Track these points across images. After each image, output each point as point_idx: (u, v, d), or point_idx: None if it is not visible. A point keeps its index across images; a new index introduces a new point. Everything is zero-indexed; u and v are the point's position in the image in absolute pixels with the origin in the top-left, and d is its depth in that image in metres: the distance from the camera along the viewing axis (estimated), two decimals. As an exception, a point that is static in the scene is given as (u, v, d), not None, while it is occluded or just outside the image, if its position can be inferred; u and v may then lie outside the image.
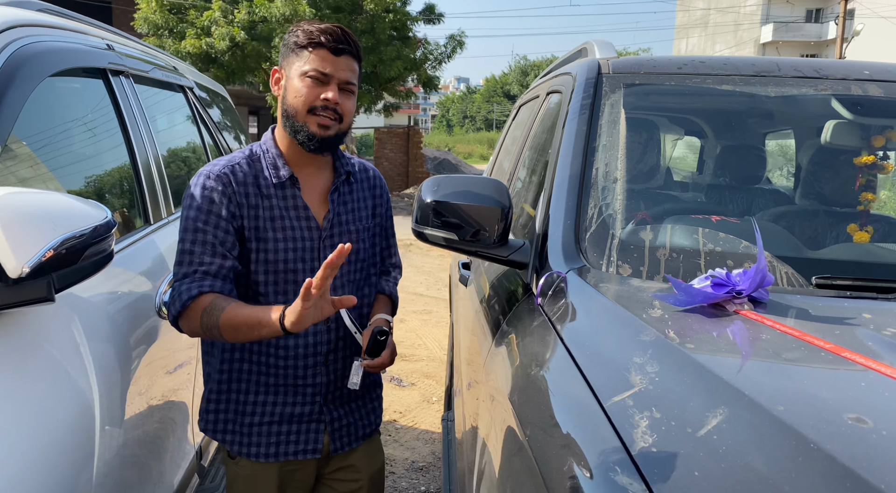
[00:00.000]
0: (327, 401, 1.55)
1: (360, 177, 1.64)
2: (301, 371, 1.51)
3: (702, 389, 0.81)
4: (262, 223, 1.46)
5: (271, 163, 1.50)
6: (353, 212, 1.59)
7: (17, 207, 0.92)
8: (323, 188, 1.56)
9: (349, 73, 1.46)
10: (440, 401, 4.19)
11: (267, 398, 1.52)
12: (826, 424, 0.69)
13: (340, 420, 1.58)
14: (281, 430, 1.52)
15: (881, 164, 1.64)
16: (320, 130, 1.45)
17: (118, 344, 1.38)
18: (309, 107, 1.43)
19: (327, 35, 1.43)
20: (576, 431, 0.83)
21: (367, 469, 1.64)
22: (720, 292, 1.06)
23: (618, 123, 1.62)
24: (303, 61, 1.44)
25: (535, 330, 1.21)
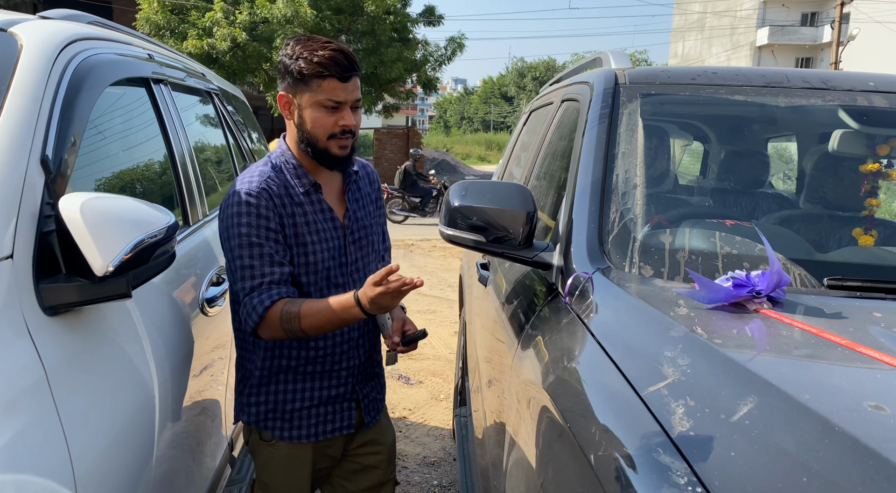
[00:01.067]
0: (358, 381, 1.72)
1: (362, 173, 1.79)
2: (337, 357, 1.67)
3: (731, 380, 0.89)
4: (300, 230, 1.59)
5: (293, 173, 1.61)
6: (363, 208, 1.74)
7: (100, 211, 1.00)
8: (337, 189, 1.70)
9: (357, 92, 1.57)
10: (448, 398, 4.28)
11: (305, 385, 1.66)
12: (848, 410, 0.77)
13: (368, 396, 1.76)
14: (319, 411, 1.68)
15: (885, 171, 1.73)
16: (342, 151, 1.59)
17: (170, 339, 1.46)
18: (328, 134, 1.56)
19: (336, 66, 1.51)
20: (616, 418, 0.92)
21: (386, 441, 1.83)
22: (741, 292, 1.15)
23: (635, 132, 1.70)
24: (314, 92, 1.53)
25: (565, 327, 1.30)
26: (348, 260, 1.66)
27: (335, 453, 1.75)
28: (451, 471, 3.31)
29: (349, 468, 1.79)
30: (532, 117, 3.01)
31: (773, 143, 2.68)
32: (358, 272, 1.68)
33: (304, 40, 1.56)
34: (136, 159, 1.63)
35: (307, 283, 1.60)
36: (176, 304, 1.57)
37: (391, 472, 1.85)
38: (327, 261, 1.62)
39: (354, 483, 1.80)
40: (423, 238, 11.11)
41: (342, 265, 1.65)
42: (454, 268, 8.63)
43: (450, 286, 7.58)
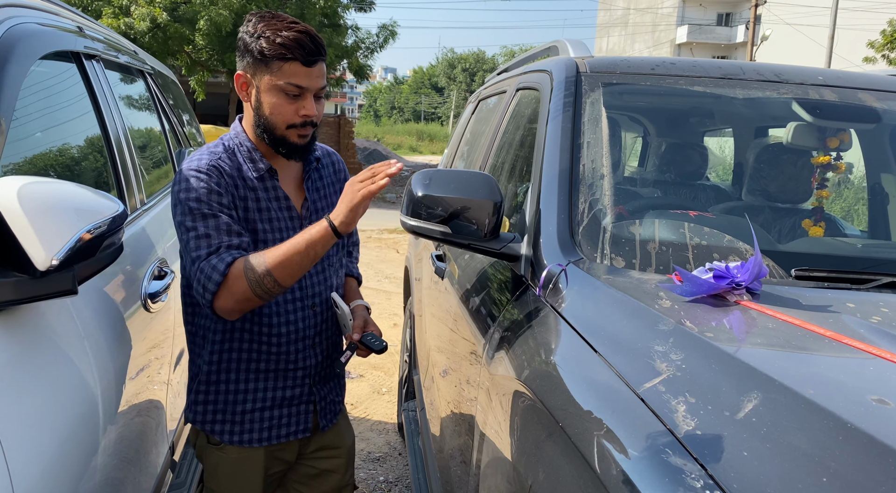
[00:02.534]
0: (315, 382, 1.61)
1: (325, 161, 1.68)
2: (293, 356, 1.55)
3: (729, 375, 0.87)
4: (251, 215, 1.48)
5: (248, 157, 1.50)
6: (325, 198, 1.64)
7: (41, 197, 0.88)
8: (296, 176, 1.59)
9: (321, 79, 1.47)
10: (390, 392, 4.21)
11: (258, 385, 1.55)
12: (855, 406, 0.77)
13: (326, 398, 1.65)
14: (273, 414, 1.56)
15: (835, 164, 1.78)
16: (301, 140, 1.48)
17: (112, 339, 1.33)
18: (287, 123, 1.45)
19: (300, 49, 1.40)
20: (615, 416, 0.88)
21: (344, 444, 1.73)
22: (722, 283, 1.14)
23: (599, 121, 1.68)
24: (275, 74, 1.42)
25: (541, 321, 1.26)
26: None
27: (289, 457, 1.64)
28: (397, 466, 3.25)
29: (305, 472, 1.69)
30: (481, 106, 2.97)
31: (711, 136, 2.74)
32: (316, 266, 1.58)
33: (267, 17, 1.44)
34: (68, 141, 1.47)
35: None
36: (117, 300, 1.43)
37: (349, 476, 1.76)
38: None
39: (311, 488, 1.70)
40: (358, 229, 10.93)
41: None
42: (391, 259, 8.54)
43: (387, 278, 7.49)
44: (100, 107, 1.62)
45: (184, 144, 2.69)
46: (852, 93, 1.77)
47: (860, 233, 2.48)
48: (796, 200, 1.98)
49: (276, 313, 1.51)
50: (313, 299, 1.57)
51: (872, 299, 1.18)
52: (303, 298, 1.55)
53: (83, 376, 1.11)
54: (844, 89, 1.77)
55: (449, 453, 1.85)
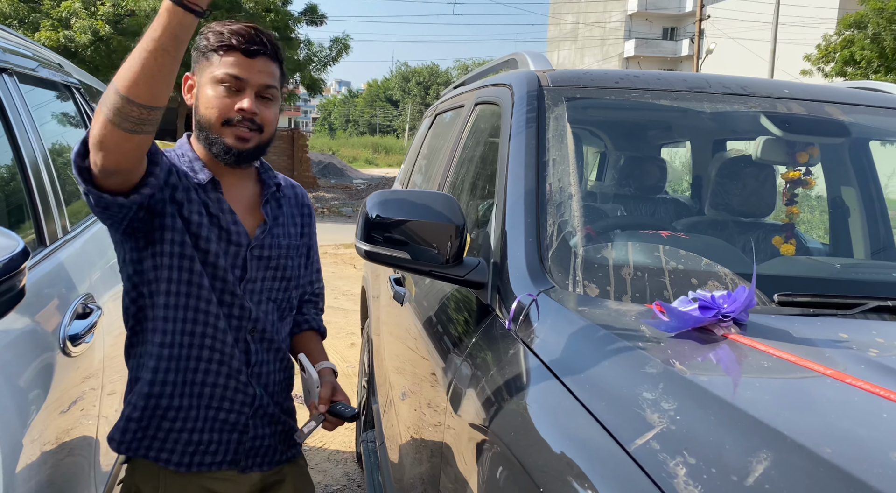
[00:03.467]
0: (254, 415, 1.46)
1: (287, 192, 1.57)
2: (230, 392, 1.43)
3: (732, 428, 0.77)
4: (194, 218, 1.36)
5: (189, 167, 1.40)
6: (283, 227, 1.51)
7: None
8: (249, 199, 1.47)
9: (266, 76, 1.35)
10: (348, 418, 4.03)
11: (192, 402, 1.41)
12: (881, 468, 0.67)
13: (263, 439, 1.49)
14: (202, 438, 1.42)
15: (805, 179, 1.73)
16: (238, 143, 1.35)
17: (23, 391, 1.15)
18: (224, 119, 1.34)
19: (238, 36, 1.32)
20: (605, 482, 0.77)
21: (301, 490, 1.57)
22: (707, 316, 1.04)
23: (565, 137, 1.59)
24: (214, 66, 1.33)
25: (514, 359, 1.14)
26: (246, 276, 1.43)
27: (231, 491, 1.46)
28: (357, 499, 3.08)
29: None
30: (438, 120, 2.86)
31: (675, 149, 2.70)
32: (256, 294, 1.43)
33: (228, 20, 1.37)
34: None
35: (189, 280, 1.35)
36: (28, 345, 1.25)
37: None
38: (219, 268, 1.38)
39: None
40: (311, 245, 10.66)
41: (235, 280, 1.41)
42: (347, 276, 8.34)
43: (343, 294, 7.29)
44: (11, 125, 1.44)
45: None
46: (819, 106, 1.72)
47: (822, 246, 2.46)
48: (762, 214, 1.92)
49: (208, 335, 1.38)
50: (254, 324, 1.43)
51: (865, 328, 1.10)
52: (241, 318, 1.41)
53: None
54: (811, 103, 1.72)
55: (410, 482, 1.71)
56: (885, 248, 2.28)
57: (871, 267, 1.83)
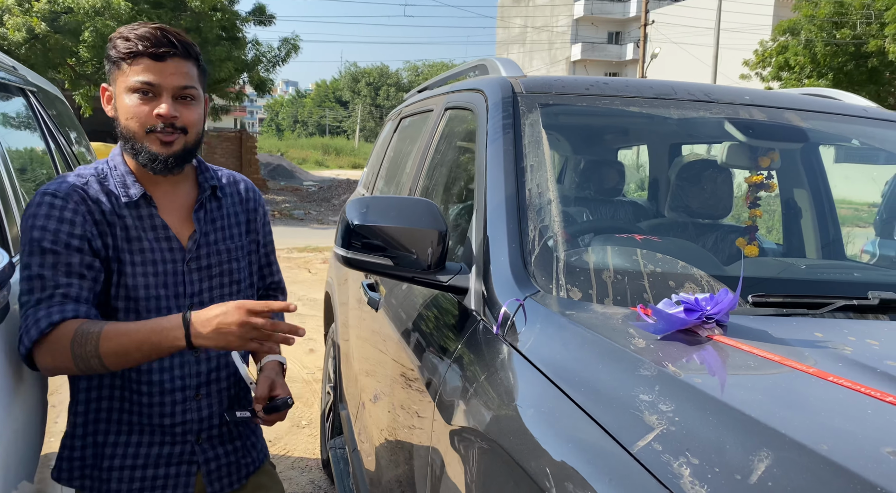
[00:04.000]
0: (201, 440, 1.42)
1: (229, 191, 1.51)
2: (168, 408, 1.37)
3: (730, 428, 0.80)
4: (120, 244, 1.32)
5: (120, 181, 1.36)
6: (222, 229, 1.46)
7: None
8: (185, 206, 1.43)
9: (180, 77, 1.31)
10: (311, 424, 3.99)
11: (130, 439, 1.37)
12: (876, 462, 0.71)
13: (218, 460, 1.45)
14: (146, 474, 1.37)
15: (767, 183, 1.80)
16: (163, 149, 1.32)
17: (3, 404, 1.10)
18: (145, 127, 1.30)
19: (144, 41, 1.28)
20: (613, 484, 0.79)
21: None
22: (692, 318, 1.08)
23: (541, 144, 1.61)
24: (125, 75, 1.30)
25: (505, 364, 1.16)
26: (187, 291, 1.38)
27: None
28: (324, 506, 3.05)
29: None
30: (403, 126, 2.86)
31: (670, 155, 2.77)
32: (203, 306, 1.34)
33: (133, 24, 1.33)
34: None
35: (124, 309, 1.32)
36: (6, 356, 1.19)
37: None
38: (155, 288, 1.34)
39: None
40: (264, 248, 10.48)
41: (178, 296, 1.37)
42: (302, 280, 8.23)
43: (299, 300, 7.19)
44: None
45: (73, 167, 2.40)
46: (779, 112, 1.79)
47: (776, 246, 2.56)
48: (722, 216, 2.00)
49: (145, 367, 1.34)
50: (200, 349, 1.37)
51: (836, 326, 1.16)
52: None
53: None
54: (771, 109, 1.79)
55: (387, 485, 1.71)
56: (834, 247, 2.39)
57: (835, 267, 1.92)
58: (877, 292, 1.28)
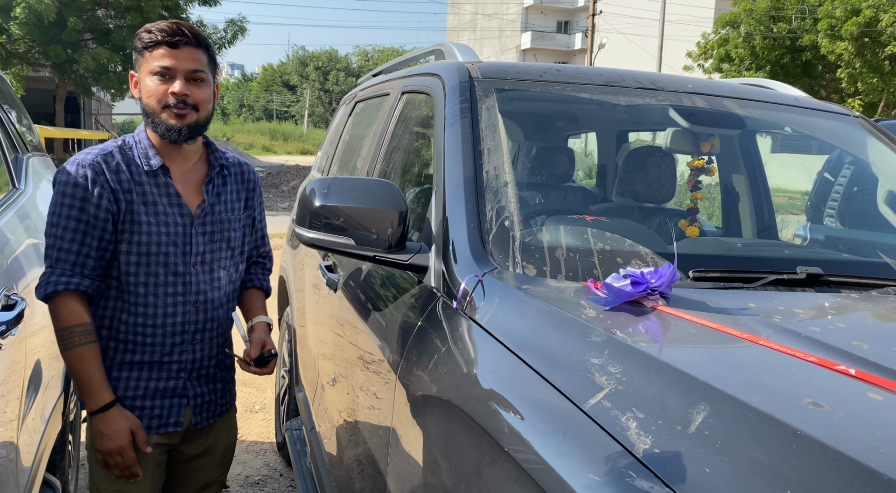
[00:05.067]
0: (192, 377, 1.67)
1: (233, 170, 1.74)
2: (167, 349, 1.61)
3: (672, 386, 0.88)
4: (136, 207, 1.55)
5: (143, 153, 1.59)
6: (226, 203, 1.70)
7: None
8: (197, 179, 1.66)
9: (192, 62, 1.54)
10: (264, 409, 3.99)
11: (132, 374, 1.60)
12: (798, 411, 0.79)
13: (203, 396, 1.69)
14: (145, 404, 1.61)
15: (708, 167, 1.91)
16: (177, 121, 1.54)
17: None
18: (162, 104, 1.53)
19: (163, 32, 1.52)
20: (567, 438, 0.85)
21: (221, 443, 1.79)
22: (638, 290, 1.16)
23: (497, 127, 1.67)
24: (147, 62, 1.54)
25: (465, 336, 1.21)
26: (193, 250, 1.62)
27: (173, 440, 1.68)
28: (279, 488, 3.07)
29: (179, 463, 1.74)
30: (360, 109, 2.87)
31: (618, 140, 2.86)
32: (204, 265, 1.64)
33: (157, 21, 1.58)
34: None
35: (136, 263, 1.56)
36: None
37: (221, 474, 1.83)
38: (165, 246, 1.58)
39: (182, 479, 1.77)
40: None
41: (185, 254, 1.61)
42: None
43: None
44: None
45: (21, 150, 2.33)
46: (719, 101, 1.90)
47: (716, 229, 2.70)
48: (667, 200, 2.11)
49: (154, 305, 1.58)
50: (197, 297, 1.63)
51: (767, 298, 1.26)
52: (185, 293, 1.61)
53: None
54: (712, 97, 1.90)
55: (348, 464, 1.76)
56: (768, 228, 2.54)
57: (769, 246, 2.05)
58: (804, 267, 1.39)
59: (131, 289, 1.56)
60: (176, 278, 1.59)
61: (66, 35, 14.39)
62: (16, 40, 14.54)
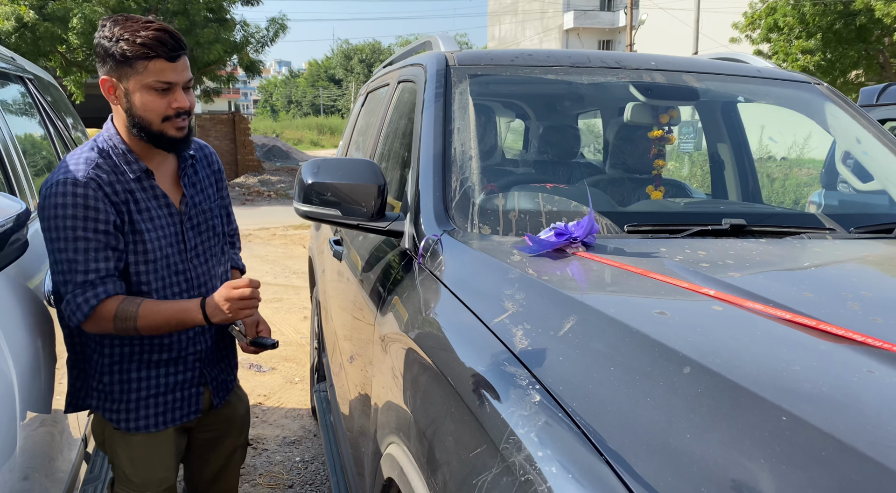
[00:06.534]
0: (206, 365, 1.76)
1: (199, 156, 1.79)
2: (184, 342, 1.69)
3: (557, 306, 1.11)
4: (134, 217, 1.57)
5: (123, 159, 1.58)
6: (202, 192, 1.75)
7: (-50, 200, 0.98)
8: (171, 173, 1.69)
9: (187, 71, 1.56)
10: (303, 381, 4.33)
11: (150, 373, 1.67)
12: (643, 317, 1.01)
13: (218, 378, 1.81)
14: (166, 399, 1.69)
15: (667, 136, 2.09)
16: (179, 133, 1.57)
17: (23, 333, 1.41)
18: (162, 117, 1.54)
19: (162, 46, 1.49)
20: (468, 346, 1.10)
21: (237, 412, 1.92)
22: (560, 240, 1.38)
23: (467, 109, 1.90)
24: (142, 74, 1.50)
25: (421, 283, 1.46)
26: (188, 246, 1.68)
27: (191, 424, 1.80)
28: (312, 447, 3.39)
29: (202, 439, 1.87)
30: (369, 99, 3.14)
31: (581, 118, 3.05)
32: (198, 257, 1.71)
33: (121, 20, 1.51)
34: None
35: (144, 271, 1.60)
36: (23, 296, 1.50)
37: (242, 438, 1.96)
38: (165, 248, 1.63)
39: (208, 451, 1.89)
40: (260, 227, 10.81)
41: (181, 252, 1.67)
42: (297, 255, 8.54)
43: (294, 273, 7.51)
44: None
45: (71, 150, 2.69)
46: (678, 75, 2.07)
47: (706, 196, 2.86)
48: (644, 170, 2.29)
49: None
50: (199, 290, 1.71)
51: (679, 244, 1.46)
52: (189, 288, 1.68)
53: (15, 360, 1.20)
54: (671, 73, 2.07)
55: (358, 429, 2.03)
56: (753, 193, 2.68)
57: (704, 203, 2.22)
58: (729, 219, 1.58)
59: (143, 294, 1.59)
60: (178, 276, 1.65)
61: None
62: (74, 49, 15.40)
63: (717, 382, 0.83)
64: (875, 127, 2.09)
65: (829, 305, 1.08)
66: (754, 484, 0.69)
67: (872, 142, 2.06)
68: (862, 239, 1.59)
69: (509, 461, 0.83)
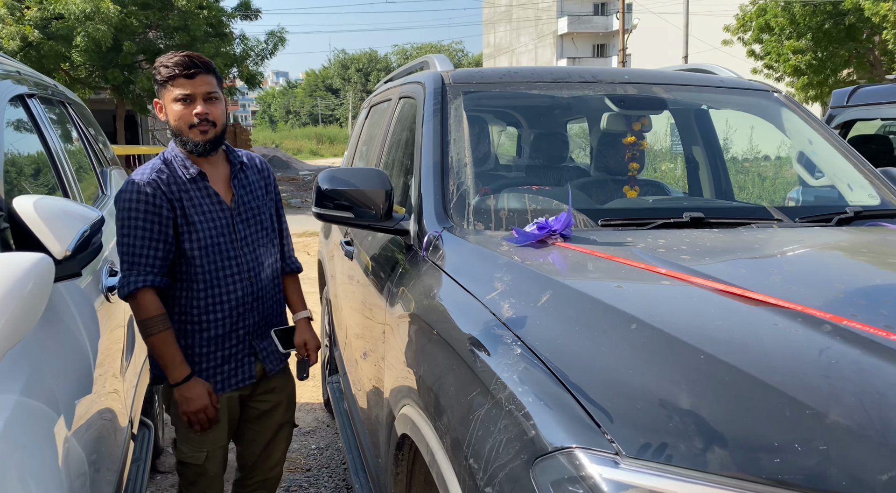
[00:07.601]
0: (255, 337, 2.04)
1: (250, 165, 2.12)
2: (235, 318, 1.98)
3: (537, 284, 1.36)
4: (188, 211, 1.91)
5: (182, 164, 1.95)
6: (251, 192, 2.08)
7: (49, 208, 1.23)
8: (223, 178, 2.02)
9: (206, 86, 1.88)
10: (314, 378, 4.57)
11: (209, 348, 1.97)
12: (603, 290, 1.27)
13: (266, 349, 2.08)
14: (223, 369, 1.99)
15: (639, 142, 2.35)
16: (202, 137, 1.90)
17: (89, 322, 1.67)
18: (188, 124, 1.87)
19: (179, 67, 1.85)
20: (466, 317, 1.36)
21: (285, 389, 2.18)
22: (542, 232, 1.64)
23: (462, 122, 2.16)
24: (170, 92, 1.87)
25: (425, 273, 1.72)
26: (237, 236, 1.99)
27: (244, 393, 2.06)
28: (326, 435, 3.64)
29: (252, 412, 2.11)
30: (372, 112, 3.40)
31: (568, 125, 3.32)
32: (248, 246, 2.01)
33: (169, 55, 1.90)
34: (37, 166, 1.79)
35: (200, 256, 1.91)
36: (88, 291, 1.76)
37: (290, 415, 2.21)
38: (216, 237, 1.94)
39: (259, 424, 2.13)
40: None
41: (233, 241, 1.98)
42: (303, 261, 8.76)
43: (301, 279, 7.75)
44: (44, 136, 1.93)
45: (104, 164, 2.96)
46: (647, 87, 2.34)
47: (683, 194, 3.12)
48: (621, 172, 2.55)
49: (217, 286, 1.95)
50: (249, 272, 2.01)
51: (644, 234, 1.72)
52: (239, 272, 1.99)
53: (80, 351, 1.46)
54: (642, 85, 2.34)
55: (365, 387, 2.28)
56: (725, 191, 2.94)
57: (671, 199, 2.48)
58: (689, 212, 1.84)
59: (198, 277, 1.90)
60: (230, 260, 1.95)
61: (122, 58, 15.47)
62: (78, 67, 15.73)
63: (656, 334, 1.09)
64: (825, 130, 2.35)
65: (755, 278, 1.33)
66: (676, 402, 0.94)
67: (822, 143, 2.32)
68: (803, 227, 1.85)
69: (497, 397, 1.09)
